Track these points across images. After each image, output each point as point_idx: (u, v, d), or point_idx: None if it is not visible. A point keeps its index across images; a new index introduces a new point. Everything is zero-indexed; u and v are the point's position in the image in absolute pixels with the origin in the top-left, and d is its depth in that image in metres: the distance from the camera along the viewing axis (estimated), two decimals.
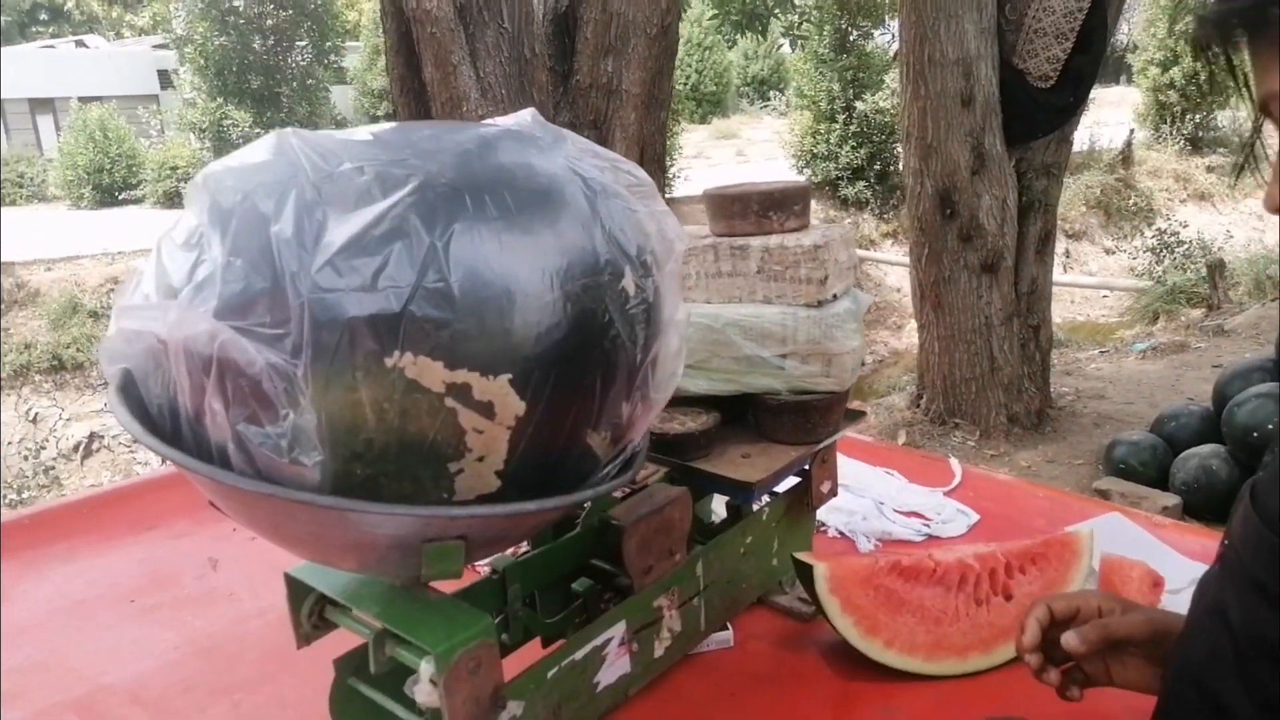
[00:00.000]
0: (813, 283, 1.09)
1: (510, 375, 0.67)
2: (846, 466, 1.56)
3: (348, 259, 0.62)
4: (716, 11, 5.25)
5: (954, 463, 1.54)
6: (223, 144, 10.91)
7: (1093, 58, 3.61)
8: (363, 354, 0.63)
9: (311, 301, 0.61)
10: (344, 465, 0.66)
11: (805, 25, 6.49)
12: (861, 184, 11.61)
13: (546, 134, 0.79)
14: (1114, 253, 12.03)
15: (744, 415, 1.19)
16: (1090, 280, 10.81)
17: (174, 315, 0.65)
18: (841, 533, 1.38)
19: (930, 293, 4.24)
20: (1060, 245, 11.42)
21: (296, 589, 0.87)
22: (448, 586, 0.88)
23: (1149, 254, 9.59)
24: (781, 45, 8.31)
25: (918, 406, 4.55)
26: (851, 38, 11.02)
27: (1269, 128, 0.60)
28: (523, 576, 0.95)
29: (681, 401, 1.19)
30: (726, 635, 1.15)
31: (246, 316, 0.63)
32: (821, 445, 1.16)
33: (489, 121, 0.83)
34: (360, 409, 0.64)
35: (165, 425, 0.72)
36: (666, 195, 10.11)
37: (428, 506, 0.68)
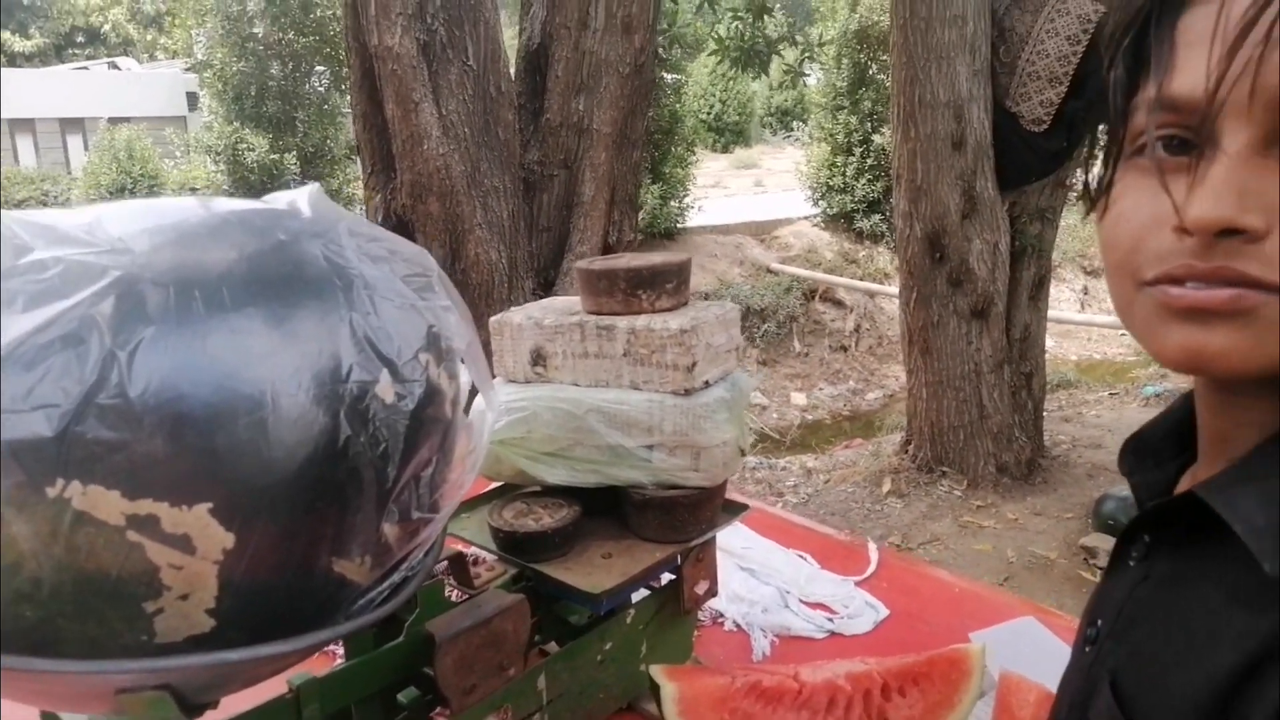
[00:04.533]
0: (680, 369, 1.00)
1: (210, 504, 0.58)
2: (758, 546, 1.46)
3: None
4: (715, 49, 5.14)
5: (872, 548, 1.43)
6: (237, 167, 10.96)
7: (1087, 102, 3.50)
8: (11, 485, 0.54)
9: None
10: (10, 608, 0.57)
11: (805, 64, 6.37)
12: (877, 217, 11.48)
13: (319, 215, 0.71)
14: None
15: (617, 505, 1.09)
16: (1107, 320, 10.60)
17: None
18: (739, 625, 1.27)
19: (919, 338, 4.10)
20: (1079, 282, 11.24)
21: (50, 716, 0.78)
22: (237, 703, 0.79)
23: None
24: (807, 76, 8.15)
25: (905, 453, 4.41)
26: (870, 71, 10.95)
27: None
28: (322, 695, 0.84)
29: (546, 492, 1.09)
30: None
31: None
32: (693, 544, 1.06)
33: (270, 197, 0.74)
34: (15, 545, 0.55)
35: None
36: (678, 226, 9.99)
37: (90, 660, 0.58)
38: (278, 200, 0.73)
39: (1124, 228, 0.48)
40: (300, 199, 0.72)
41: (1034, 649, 1.14)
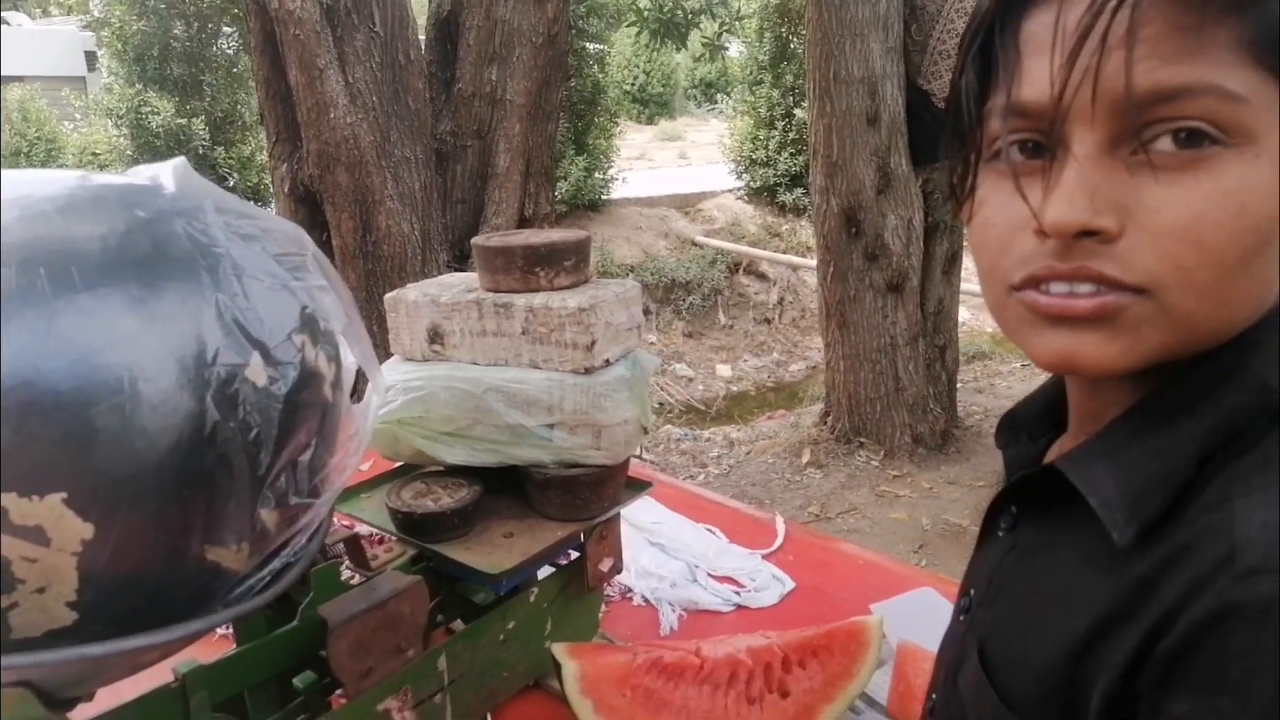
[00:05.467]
0: (579, 348, 0.99)
1: (65, 494, 0.55)
2: (667, 521, 1.46)
3: None
4: (634, 20, 5.09)
5: (779, 522, 1.45)
6: (141, 131, 10.44)
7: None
8: None
9: None
10: None
11: (725, 35, 6.37)
12: (799, 190, 11.58)
13: (183, 191, 0.67)
14: None
15: (519, 484, 1.08)
16: None
17: None
18: (648, 600, 1.28)
19: (836, 311, 4.17)
20: None
21: None
22: (122, 693, 0.76)
23: None
24: (726, 48, 8.09)
25: (825, 424, 4.49)
26: (791, 45, 10.99)
27: None
28: (211, 682, 0.82)
29: (447, 472, 1.08)
30: None
31: None
32: (595, 522, 1.05)
33: (132, 171, 0.71)
34: None
35: None
36: (603, 198, 9.91)
37: None
38: (140, 175, 0.69)
39: (990, 234, 0.49)
40: (164, 173, 0.68)
41: (932, 618, 1.16)
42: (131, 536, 0.58)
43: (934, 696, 0.63)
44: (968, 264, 4.44)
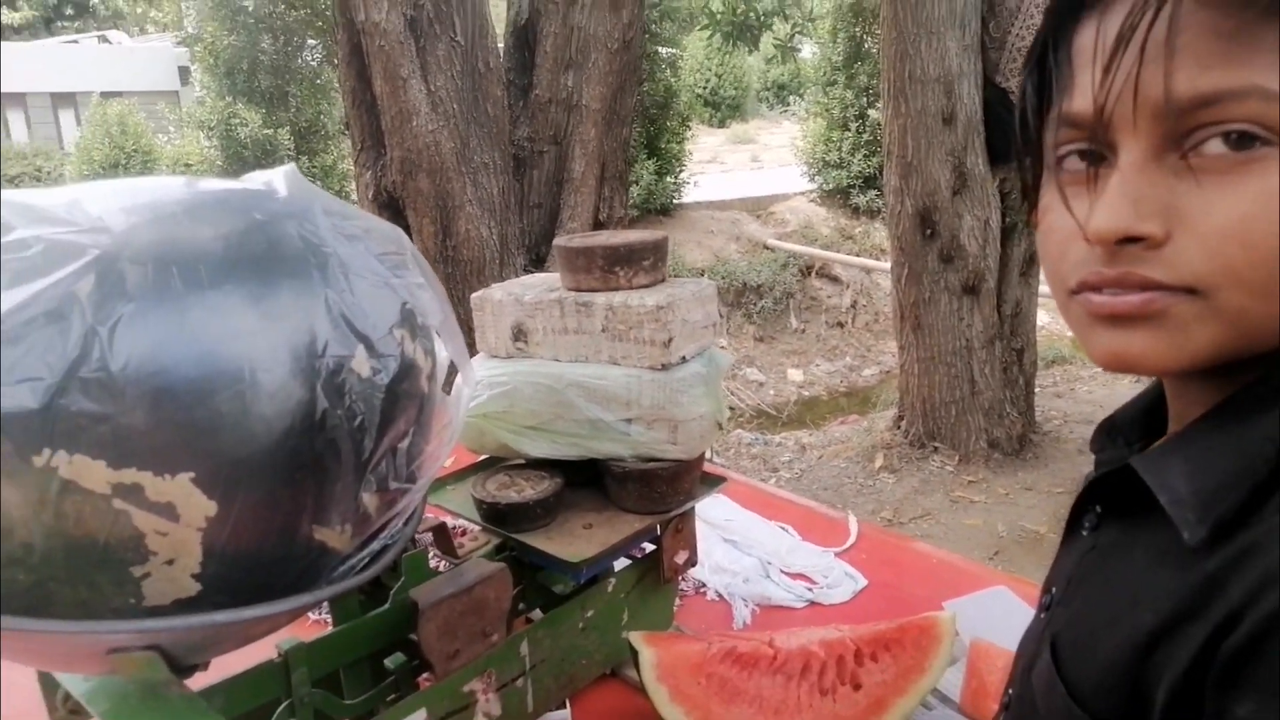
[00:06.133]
0: (656, 344, 1.02)
1: (192, 474, 0.60)
2: (740, 518, 1.49)
3: None
4: (707, 23, 5.17)
5: (852, 520, 1.45)
6: (231, 142, 10.89)
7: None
8: None
9: None
10: (4, 571, 0.59)
11: (798, 37, 6.36)
12: (873, 192, 11.44)
13: (294, 195, 0.72)
14: None
15: (598, 477, 1.11)
16: None
17: None
18: (721, 595, 1.30)
19: (910, 314, 4.13)
20: None
21: (46, 676, 0.81)
22: (227, 667, 0.82)
23: None
24: (798, 50, 8.07)
25: (898, 428, 4.44)
26: (866, 45, 10.87)
27: None
28: (310, 659, 0.87)
29: (530, 465, 1.12)
30: (564, 715, 1.07)
31: None
32: (672, 515, 1.08)
33: (247, 177, 0.76)
34: (6, 512, 0.57)
35: None
36: (675, 202, 9.93)
37: (82, 621, 0.61)
38: (254, 180, 0.74)
39: (1052, 240, 0.51)
40: (276, 179, 0.74)
41: (1006, 616, 1.16)
42: (249, 514, 0.63)
43: (1010, 691, 0.65)
44: None
